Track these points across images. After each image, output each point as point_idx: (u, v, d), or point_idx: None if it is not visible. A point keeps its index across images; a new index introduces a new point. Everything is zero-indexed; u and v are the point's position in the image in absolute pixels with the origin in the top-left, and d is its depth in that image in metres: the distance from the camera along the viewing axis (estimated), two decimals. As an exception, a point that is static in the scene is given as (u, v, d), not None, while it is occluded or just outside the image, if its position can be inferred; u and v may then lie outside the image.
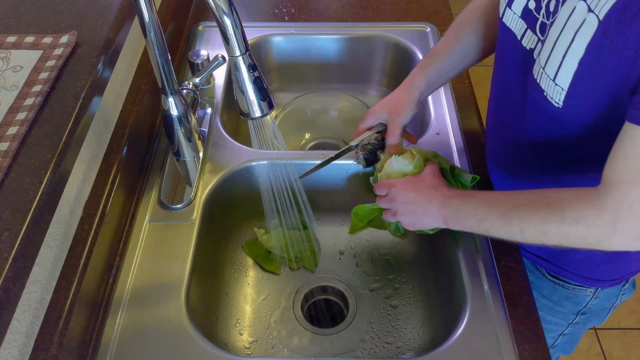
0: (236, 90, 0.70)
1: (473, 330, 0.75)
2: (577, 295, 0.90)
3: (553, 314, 0.95)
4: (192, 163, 0.96)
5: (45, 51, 0.76)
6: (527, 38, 0.71)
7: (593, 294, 0.89)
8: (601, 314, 0.95)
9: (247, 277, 0.99)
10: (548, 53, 0.64)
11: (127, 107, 0.93)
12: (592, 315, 0.94)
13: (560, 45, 0.62)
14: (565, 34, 0.61)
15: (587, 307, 0.92)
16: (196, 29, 1.27)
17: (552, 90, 0.65)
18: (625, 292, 0.91)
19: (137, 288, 0.80)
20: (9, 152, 0.63)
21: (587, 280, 0.87)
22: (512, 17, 0.73)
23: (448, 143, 1.00)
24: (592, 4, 0.58)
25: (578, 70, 0.61)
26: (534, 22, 0.69)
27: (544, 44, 0.66)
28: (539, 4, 0.68)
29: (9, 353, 0.59)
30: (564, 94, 0.64)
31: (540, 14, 0.68)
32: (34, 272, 0.63)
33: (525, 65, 0.71)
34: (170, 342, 0.74)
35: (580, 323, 0.96)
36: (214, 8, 0.62)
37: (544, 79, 0.66)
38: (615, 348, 1.76)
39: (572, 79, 0.62)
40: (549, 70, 0.64)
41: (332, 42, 1.27)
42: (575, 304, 0.92)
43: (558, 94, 0.65)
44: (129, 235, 0.86)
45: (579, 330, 0.99)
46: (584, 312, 0.93)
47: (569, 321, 0.96)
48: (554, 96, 0.65)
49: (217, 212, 0.95)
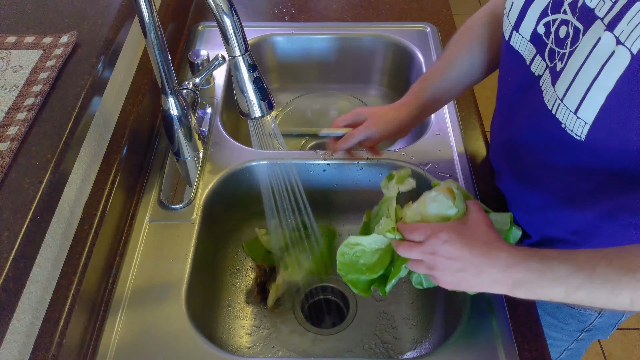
0: (236, 90, 0.70)
1: (473, 330, 0.75)
2: (582, 314, 0.87)
3: (558, 331, 0.92)
4: (192, 163, 0.96)
5: (45, 51, 0.76)
6: (535, 64, 0.68)
7: (598, 313, 0.87)
8: (607, 330, 0.93)
9: (247, 277, 0.99)
10: (568, 84, 0.60)
11: (127, 107, 0.93)
12: (598, 332, 0.92)
13: (584, 78, 0.58)
14: (590, 66, 0.57)
15: (593, 325, 0.89)
16: (196, 29, 1.27)
17: (572, 123, 0.61)
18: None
19: (137, 288, 0.80)
20: (9, 152, 0.63)
21: None
22: (520, 40, 0.70)
23: (448, 143, 1.00)
24: (621, 37, 0.55)
25: (605, 104, 0.57)
26: (543, 48, 0.66)
27: (560, 74, 0.62)
28: (548, 29, 0.65)
29: (9, 353, 0.59)
30: (588, 127, 0.60)
31: (550, 39, 0.65)
32: (34, 272, 0.63)
33: (532, 92, 0.69)
34: (170, 342, 0.74)
35: (586, 339, 0.94)
36: (214, 8, 0.62)
37: (562, 111, 0.62)
38: (615, 348, 1.76)
39: (598, 113, 0.58)
40: (569, 103, 0.60)
41: (332, 42, 1.27)
42: (580, 322, 0.89)
43: (580, 127, 0.60)
44: (129, 235, 0.86)
45: (584, 345, 0.97)
46: (589, 329, 0.91)
47: (574, 337, 0.94)
48: (575, 129, 0.61)
49: (217, 212, 0.95)
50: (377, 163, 0.98)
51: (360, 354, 0.89)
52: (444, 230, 0.63)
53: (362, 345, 0.90)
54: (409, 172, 0.75)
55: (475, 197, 0.91)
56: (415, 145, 1.00)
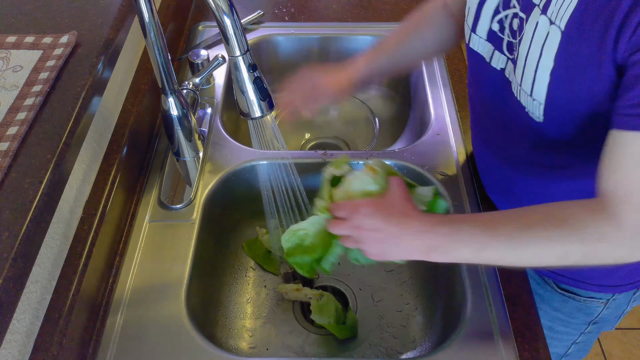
0: (236, 90, 0.70)
1: (473, 330, 0.75)
2: (588, 306, 0.88)
3: (565, 325, 0.93)
4: (192, 163, 0.96)
5: (45, 51, 0.76)
6: (495, 59, 0.72)
7: (605, 305, 0.87)
8: (612, 321, 0.94)
9: (247, 277, 0.99)
10: (522, 70, 0.65)
11: (127, 107, 0.93)
12: (604, 324, 0.93)
13: (530, 61, 0.63)
14: (534, 49, 0.62)
15: (599, 317, 0.90)
16: (196, 29, 1.27)
17: (531, 106, 0.66)
18: (636, 299, 0.90)
19: (137, 288, 0.80)
20: (9, 152, 0.63)
21: (603, 288, 0.84)
22: (478, 41, 0.74)
23: (448, 143, 1.00)
24: (552, 17, 0.59)
25: (551, 82, 0.61)
26: (500, 43, 0.70)
27: (516, 62, 0.66)
28: (502, 25, 0.69)
29: (9, 353, 0.59)
30: (542, 107, 0.64)
31: (505, 34, 0.69)
32: (34, 272, 0.63)
33: (500, 85, 0.72)
34: (170, 342, 0.74)
35: (593, 332, 0.95)
36: (214, 8, 0.62)
37: (523, 96, 0.66)
38: (615, 348, 1.76)
39: (547, 92, 0.62)
40: (525, 86, 0.65)
41: (333, 42, 1.27)
42: (587, 315, 0.90)
43: (537, 108, 0.65)
44: (129, 235, 0.86)
45: (591, 338, 0.98)
46: (595, 321, 0.92)
47: (581, 331, 0.95)
48: (534, 111, 0.66)
49: (217, 212, 0.95)
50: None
51: (360, 354, 0.89)
52: (364, 205, 0.66)
53: (362, 345, 0.90)
54: (347, 159, 0.76)
55: (475, 196, 0.92)
56: (415, 145, 1.00)
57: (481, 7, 0.72)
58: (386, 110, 1.30)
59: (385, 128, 1.23)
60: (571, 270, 0.85)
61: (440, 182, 0.94)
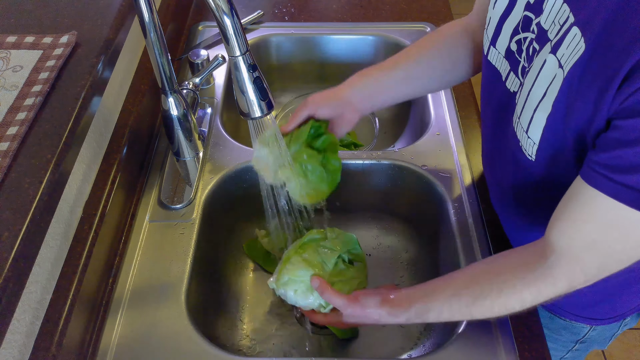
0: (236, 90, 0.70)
1: (473, 330, 0.75)
2: (574, 326, 0.87)
3: (552, 341, 0.91)
4: (192, 163, 0.96)
5: (45, 51, 0.76)
6: (510, 80, 0.69)
7: (591, 327, 0.86)
8: (603, 342, 0.92)
9: (247, 277, 0.99)
10: (522, 104, 0.63)
11: (127, 107, 0.93)
12: (593, 343, 0.92)
13: (532, 99, 0.61)
14: (537, 87, 0.60)
15: (586, 337, 0.89)
16: (196, 29, 1.27)
17: (525, 142, 0.64)
18: (627, 324, 0.88)
19: (137, 288, 0.80)
20: (9, 152, 0.63)
21: (583, 319, 0.85)
22: (496, 56, 0.71)
23: (448, 143, 1.00)
24: (562, 60, 0.56)
25: (546, 126, 0.59)
26: (516, 65, 0.67)
27: (520, 93, 0.64)
28: (520, 46, 0.66)
29: (9, 353, 0.59)
30: (536, 147, 0.62)
31: (522, 57, 0.66)
32: (34, 272, 0.63)
33: (508, 109, 0.69)
34: (170, 342, 0.74)
35: (581, 350, 0.94)
36: (214, 8, 0.62)
37: (519, 130, 0.65)
38: (615, 348, 1.76)
39: (541, 134, 0.60)
40: (523, 121, 0.63)
41: (332, 42, 1.27)
42: (573, 334, 0.89)
43: (530, 147, 0.63)
44: (129, 235, 0.86)
45: (581, 355, 0.97)
46: (583, 341, 0.90)
47: (568, 348, 0.93)
48: (527, 149, 0.64)
49: (217, 212, 0.95)
50: (377, 163, 0.98)
51: (360, 354, 0.89)
52: (348, 309, 0.74)
53: (362, 345, 0.90)
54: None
55: (475, 196, 0.92)
56: (415, 145, 1.00)
57: (503, 21, 0.68)
58: (386, 110, 1.30)
59: (385, 128, 1.24)
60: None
61: (440, 182, 0.94)
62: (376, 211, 1.07)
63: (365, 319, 0.75)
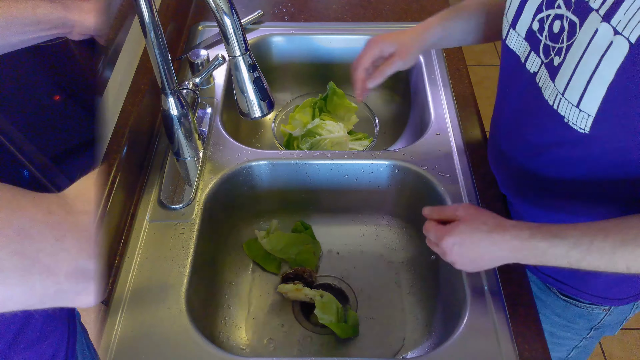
0: (236, 90, 0.70)
1: (473, 330, 0.75)
2: (590, 313, 0.87)
3: (567, 330, 0.93)
4: (192, 163, 0.96)
5: (45, 51, 0.76)
6: (530, 61, 0.68)
7: (607, 312, 0.87)
8: (614, 327, 0.93)
9: (247, 277, 0.99)
10: (567, 78, 0.61)
11: (127, 107, 0.93)
12: (606, 329, 0.93)
13: (583, 71, 0.59)
14: (589, 58, 0.58)
15: (601, 323, 0.90)
16: (196, 29, 1.27)
17: (575, 117, 0.62)
18: (638, 306, 0.89)
19: (137, 288, 0.80)
20: (9, 152, 0.63)
21: (604, 300, 0.85)
22: (516, 38, 0.71)
23: (448, 143, 1.00)
24: (619, 27, 0.55)
25: (607, 96, 0.58)
26: (537, 44, 0.66)
27: (560, 68, 0.63)
28: (542, 25, 0.65)
29: (9, 353, 0.59)
30: (591, 119, 0.61)
31: (543, 35, 0.65)
32: (34, 272, 0.63)
33: (530, 91, 0.69)
34: (170, 342, 0.74)
35: (594, 337, 0.95)
36: (214, 8, 0.62)
37: (564, 105, 0.63)
38: (615, 348, 1.76)
39: (600, 105, 0.59)
40: (571, 96, 0.61)
41: (332, 42, 1.27)
42: (588, 321, 0.90)
43: (584, 120, 0.61)
44: (129, 235, 0.86)
45: (593, 342, 0.98)
46: (597, 327, 0.91)
47: (582, 336, 0.94)
48: (579, 122, 0.62)
49: (217, 212, 0.95)
50: (377, 163, 0.98)
51: (360, 354, 0.89)
52: (452, 235, 0.68)
53: (361, 345, 0.90)
54: None
55: (475, 196, 0.92)
56: (415, 145, 1.00)
57: (525, 1, 0.68)
58: (386, 110, 1.30)
59: (385, 128, 1.24)
60: (574, 280, 0.84)
61: (440, 182, 0.94)
62: (376, 211, 1.07)
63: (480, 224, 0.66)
